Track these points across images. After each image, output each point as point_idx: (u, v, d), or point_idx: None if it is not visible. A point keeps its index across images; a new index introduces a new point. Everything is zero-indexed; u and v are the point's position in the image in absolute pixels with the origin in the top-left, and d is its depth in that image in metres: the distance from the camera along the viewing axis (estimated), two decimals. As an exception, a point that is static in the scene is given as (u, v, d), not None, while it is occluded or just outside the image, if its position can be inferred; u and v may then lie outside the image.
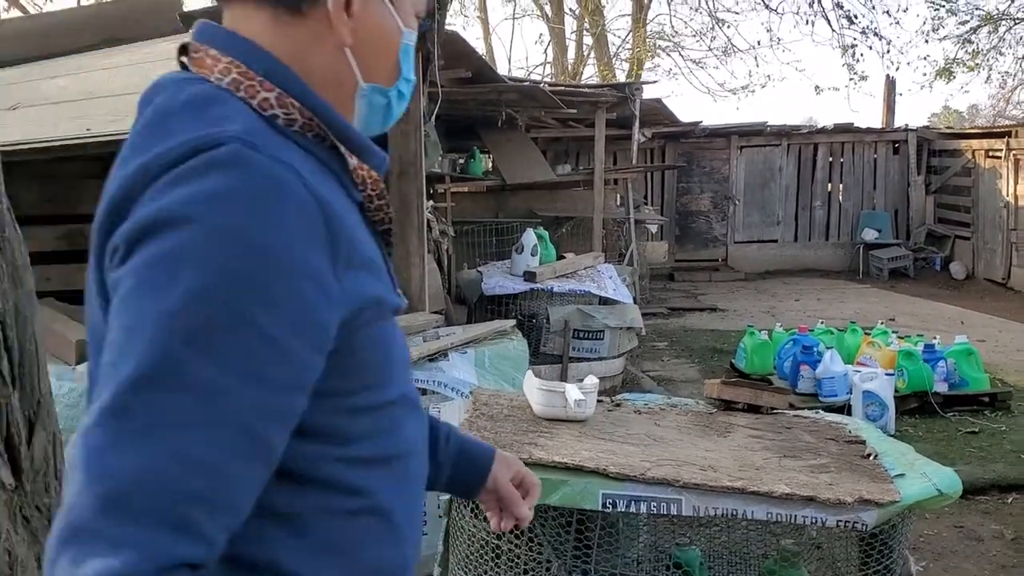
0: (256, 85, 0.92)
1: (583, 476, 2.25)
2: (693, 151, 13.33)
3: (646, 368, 7.42)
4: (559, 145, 12.43)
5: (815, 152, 13.49)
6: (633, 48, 17.72)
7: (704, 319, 9.77)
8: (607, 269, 7.24)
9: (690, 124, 12.73)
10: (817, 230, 13.60)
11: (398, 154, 4.25)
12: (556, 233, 9.46)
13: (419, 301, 4.31)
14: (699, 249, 13.42)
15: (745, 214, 13.47)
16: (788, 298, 11.09)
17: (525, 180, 9.40)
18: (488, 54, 18.73)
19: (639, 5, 17.68)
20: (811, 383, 6.01)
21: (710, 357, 7.77)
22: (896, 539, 2.33)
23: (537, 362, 6.38)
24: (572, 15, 18.59)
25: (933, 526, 4.17)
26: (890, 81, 15.26)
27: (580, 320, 6.45)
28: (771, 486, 2.20)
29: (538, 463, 2.28)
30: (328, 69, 0.98)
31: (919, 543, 3.97)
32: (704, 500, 2.21)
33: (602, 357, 6.59)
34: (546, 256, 6.91)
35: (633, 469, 2.27)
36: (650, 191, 13.35)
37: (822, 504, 2.15)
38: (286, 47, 0.95)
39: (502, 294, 6.44)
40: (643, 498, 2.23)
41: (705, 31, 18.13)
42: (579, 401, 2.63)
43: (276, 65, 0.94)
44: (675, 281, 12.55)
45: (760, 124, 13.40)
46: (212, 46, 0.94)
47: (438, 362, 3.42)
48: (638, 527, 2.67)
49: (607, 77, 17.07)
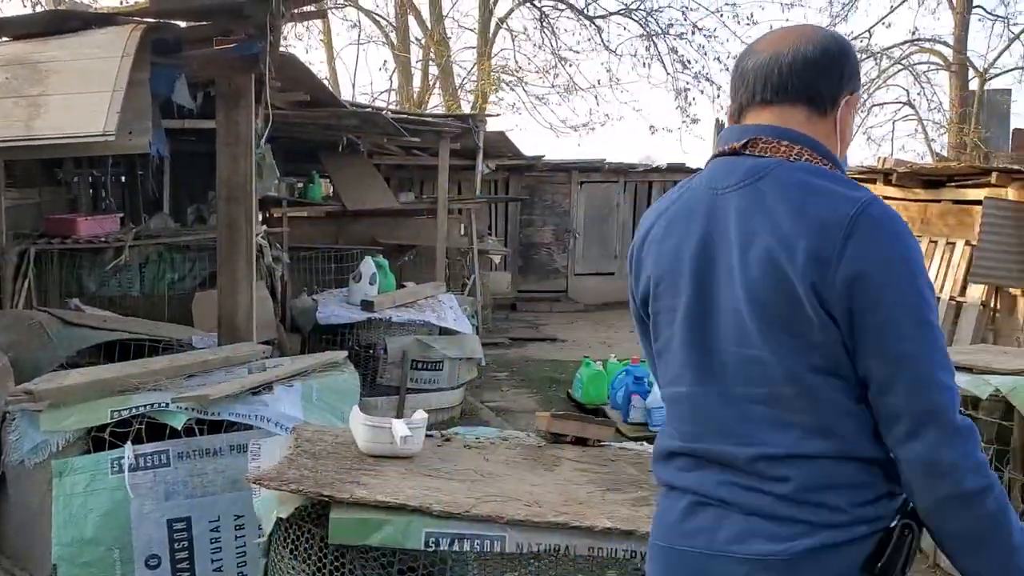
0: (825, 160, 1.52)
1: (406, 515, 2.19)
2: (536, 184, 13.58)
3: (486, 399, 7.42)
4: (403, 173, 12.37)
5: (650, 189, 14.02)
6: (478, 81, 17.94)
7: (544, 349, 9.91)
8: (448, 299, 7.22)
9: (533, 158, 12.97)
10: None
11: (226, 176, 4.09)
12: (398, 262, 9.38)
13: (246, 331, 4.14)
14: (541, 280, 13.64)
15: (585, 247, 13.82)
16: (624, 329, 11.40)
17: (366, 206, 9.29)
18: (332, 78, 18.48)
19: (484, 39, 17.93)
20: (642, 413, 6.19)
21: (548, 387, 7.87)
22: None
23: (375, 393, 6.27)
24: (418, 44, 18.66)
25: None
26: (720, 124, 16.09)
27: (419, 351, 6.38)
28: (593, 520, 2.21)
29: (359, 502, 2.21)
30: (833, 148, 1.55)
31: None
32: (528, 536, 2.20)
33: (441, 388, 6.55)
34: (385, 285, 6.82)
35: (458, 506, 2.23)
36: (494, 222, 13.49)
37: (642, 538, 2.17)
38: (818, 135, 1.53)
39: (338, 323, 6.29)
40: (467, 536, 2.20)
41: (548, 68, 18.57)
42: (406, 437, 2.57)
43: (820, 146, 1.52)
44: (517, 311, 12.69)
45: (599, 161, 13.82)
46: (783, 139, 1.50)
47: (262, 395, 3.28)
48: (466, 564, 2.63)
49: (452, 108, 17.18)
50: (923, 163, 14.56)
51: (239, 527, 3.15)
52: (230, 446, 3.15)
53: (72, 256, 5.88)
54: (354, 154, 9.47)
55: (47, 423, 3.06)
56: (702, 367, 1.49)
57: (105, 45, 3.49)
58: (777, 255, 1.38)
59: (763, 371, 1.42)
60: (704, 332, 1.49)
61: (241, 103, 4.07)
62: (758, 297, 1.41)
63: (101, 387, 3.26)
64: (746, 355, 1.44)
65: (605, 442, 3.04)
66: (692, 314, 1.51)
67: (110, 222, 6.31)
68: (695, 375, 1.51)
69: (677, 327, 1.53)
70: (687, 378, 1.53)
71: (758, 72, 1.53)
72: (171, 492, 3.07)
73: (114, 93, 3.15)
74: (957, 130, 17.21)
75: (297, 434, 2.77)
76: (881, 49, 19.11)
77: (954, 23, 18.30)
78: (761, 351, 1.42)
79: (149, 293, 6.06)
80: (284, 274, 6.83)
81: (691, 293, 1.50)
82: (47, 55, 3.50)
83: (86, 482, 3.01)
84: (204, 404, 3.08)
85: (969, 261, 9.43)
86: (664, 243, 1.56)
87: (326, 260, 8.82)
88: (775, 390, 1.42)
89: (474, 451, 2.84)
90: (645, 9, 17.73)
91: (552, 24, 18.04)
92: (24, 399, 3.09)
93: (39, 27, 3.82)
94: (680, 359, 1.54)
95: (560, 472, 2.67)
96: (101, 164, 7.48)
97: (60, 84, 3.29)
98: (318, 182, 9.51)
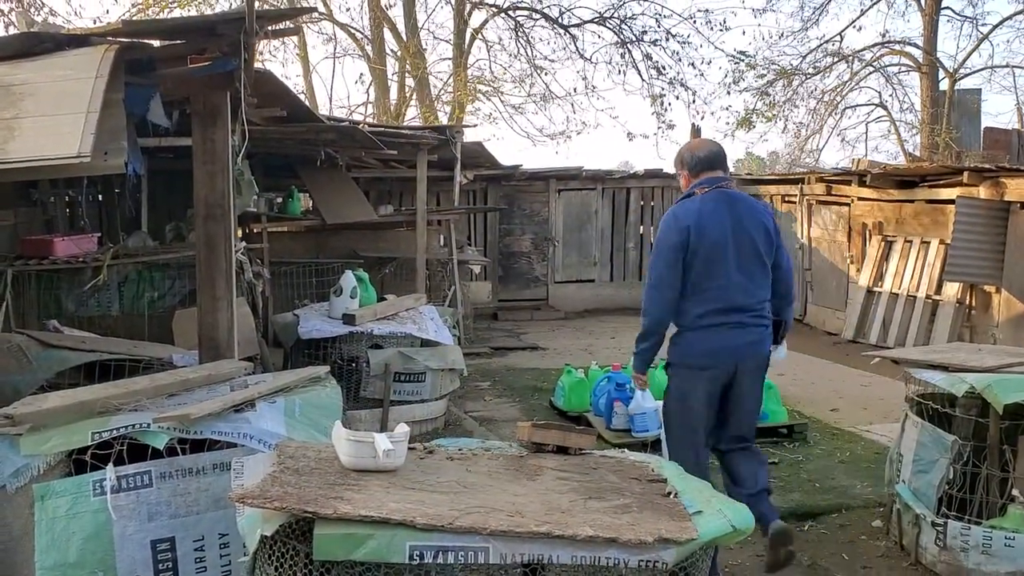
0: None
1: (389, 529, 2.20)
2: (514, 193, 13.61)
3: (469, 408, 7.43)
4: (382, 185, 12.38)
5: (628, 196, 14.09)
6: (455, 91, 17.97)
7: (526, 358, 9.92)
8: (429, 311, 7.22)
9: (511, 167, 13.00)
10: (631, 270, 14.16)
11: (204, 195, 4.08)
12: (379, 274, 9.38)
13: (227, 348, 4.13)
14: (521, 289, 13.66)
15: (564, 255, 13.86)
16: (604, 336, 11.45)
17: (345, 220, 9.28)
18: (308, 92, 18.47)
19: (460, 50, 17.97)
20: (624, 419, 6.21)
21: (531, 396, 7.89)
22: (697, 574, 2.42)
23: (358, 406, 6.27)
24: (394, 56, 18.67)
25: (736, 556, 4.37)
26: (696, 129, 16.13)
27: (401, 363, 6.38)
28: (575, 529, 2.23)
29: (344, 518, 2.22)
30: None
31: (723, 572, 4.14)
32: (511, 547, 2.22)
33: (424, 399, 6.56)
34: (366, 298, 6.81)
35: (441, 519, 2.24)
36: (473, 232, 13.51)
37: (624, 545, 2.20)
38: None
39: (320, 338, 6.28)
40: (451, 548, 2.21)
41: (524, 77, 18.64)
42: (388, 451, 2.58)
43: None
44: (499, 321, 12.70)
45: (576, 169, 13.86)
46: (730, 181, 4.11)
47: (244, 412, 3.27)
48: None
49: (429, 119, 17.20)
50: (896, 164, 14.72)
51: (224, 546, 3.14)
52: (213, 465, 3.14)
53: (50, 277, 5.86)
54: (333, 168, 9.47)
55: (28, 447, 3.05)
56: (740, 268, 3.86)
57: (79, 66, 3.49)
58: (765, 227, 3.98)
59: (760, 272, 3.93)
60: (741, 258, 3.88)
61: (217, 121, 4.07)
62: (759, 247, 3.92)
63: (81, 409, 3.25)
64: (756, 266, 3.92)
65: (586, 450, 3.07)
66: (734, 253, 3.86)
67: (87, 242, 6.29)
68: (736, 274, 3.86)
69: (730, 256, 3.85)
70: (730, 276, 3.85)
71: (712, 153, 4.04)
72: (154, 513, 3.06)
73: (88, 114, 3.14)
74: (929, 130, 17.41)
75: (280, 451, 2.77)
76: (852, 52, 19.31)
77: (923, 25, 18.53)
78: (759, 265, 3.92)
79: (128, 312, 6.05)
80: (265, 289, 6.84)
81: (731, 245, 3.86)
82: (20, 77, 3.49)
83: (68, 505, 3.00)
84: (186, 423, 3.07)
85: (944, 260, 9.56)
86: (708, 225, 3.86)
87: (307, 274, 8.81)
88: (762, 279, 3.93)
89: (457, 463, 2.86)
90: (619, 17, 17.85)
91: (527, 34, 18.14)
92: (4, 423, 3.07)
93: (11, 49, 3.81)
94: (726, 270, 3.85)
95: (542, 481, 2.69)
96: (77, 184, 7.45)
97: (34, 106, 3.28)
98: (297, 197, 9.51)
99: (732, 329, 3.84)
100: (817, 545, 4.58)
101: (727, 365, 3.86)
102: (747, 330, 3.87)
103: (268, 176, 9.81)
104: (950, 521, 4.04)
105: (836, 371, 9.20)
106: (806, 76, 19.65)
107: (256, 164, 8.78)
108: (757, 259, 3.89)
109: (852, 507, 5.09)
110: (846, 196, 11.51)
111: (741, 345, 3.87)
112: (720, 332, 3.84)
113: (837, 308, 11.61)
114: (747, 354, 3.89)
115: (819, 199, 12.15)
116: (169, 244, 7.47)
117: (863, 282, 10.83)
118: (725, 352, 3.85)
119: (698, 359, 3.88)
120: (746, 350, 3.88)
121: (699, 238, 3.80)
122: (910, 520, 4.28)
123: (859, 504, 5.12)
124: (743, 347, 3.87)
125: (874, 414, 7.28)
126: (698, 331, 3.86)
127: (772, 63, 19.46)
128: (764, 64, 19.38)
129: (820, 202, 12.15)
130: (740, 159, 35.61)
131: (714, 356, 3.85)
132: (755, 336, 3.90)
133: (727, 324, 3.84)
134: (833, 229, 11.85)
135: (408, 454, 2.76)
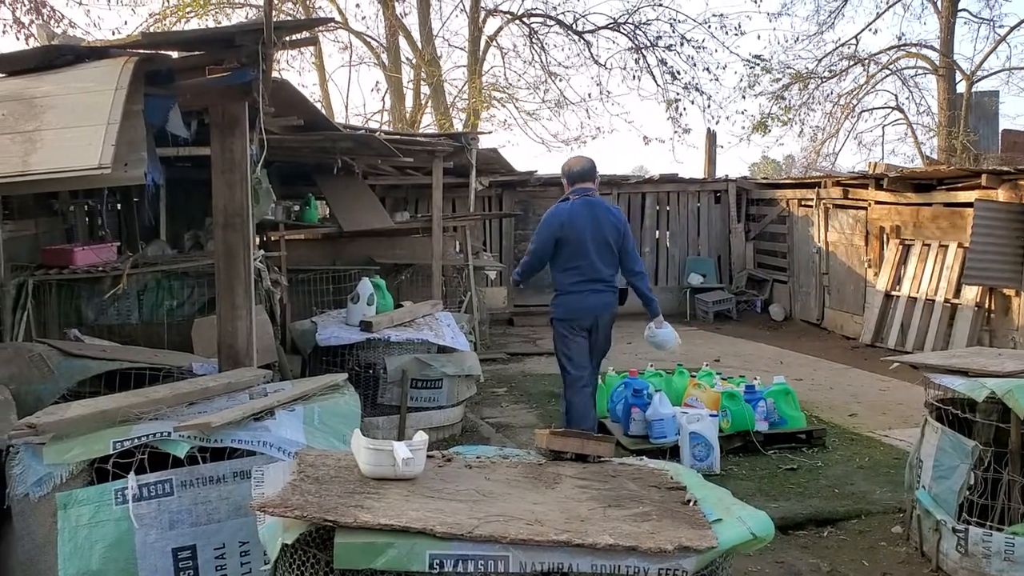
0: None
1: (409, 537, 2.21)
2: (529, 199, 13.63)
3: (486, 415, 7.44)
4: (398, 192, 12.43)
5: (643, 201, 14.08)
6: (470, 99, 18.01)
7: (542, 364, 9.91)
8: (445, 317, 7.24)
9: (526, 173, 13.02)
10: (647, 275, 14.14)
11: (223, 204, 4.12)
12: (395, 281, 9.41)
13: (246, 356, 4.16)
14: (537, 294, 13.60)
15: (580, 260, 13.84)
16: (621, 341, 11.37)
17: (362, 227, 9.31)
18: (325, 101, 18.56)
19: (474, 57, 18.01)
20: (642, 425, 6.20)
21: (548, 402, 7.88)
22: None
23: (375, 413, 6.29)
24: (409, 64, 18.73)
25: (756, 563, 4.35)
26: (711, 134, 16.18)
27: (418, 369, 6.40)
28: (595, 537, 2.23)
29: (364, 526, 2.23)
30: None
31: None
32: (530, 555, 2.22)
33: (441, 406, 6.57)
34: (383, 305, 6.84)
35: (460, 527, 2.25)
36: (489, 238, 13.53)
37: (644, 553, 2.20)
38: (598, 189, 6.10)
39: (337, 344, 6.31)
40: (471, 557, 2.22)
41: (538, 84, 18.66)
42: (407, 459, 2.59)
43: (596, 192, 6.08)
44: (515, 326, 12.70)
45: (592, 173, 13.86)
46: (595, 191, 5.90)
47: (264, 421, 3.29)
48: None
49: (444, 126, 17.25)
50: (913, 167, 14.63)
51: (244, 553, 3.16)
52: (233, 473, 3.17)
53: (70, 286, 5.91)
54: (349, 175, 9.51)
55: (50, 456, 3.08)
56: (596, 253, 5.60)
57: (99, 78, 3.52)
58: (615, 225, 5.71)
59: (610, 256, 5.68)
60: (598, 247, 5.61)
61: (236, 131, 4.10)
62: (608, 239, 5.63)
63: (103, 418, 3.28)
64: (607, 252, 5.65)
65: (605, 458, 3.07)
66: (592, 243, 5.59)
67: (107, 251, 6.34)
68: (594, 256, 5.60)
69: (590, 245, 5.59)
70: (590, 258, 5.60)
71: (583, 169, 5.82)
72: (175, 521, 3.08)
73: (109, 126, 3.17)
74: (946, 133, 17.30)
75: (300, 459, 2.79)
76: (868, 55, 19.23)
77: (940, 27, 18.44)
78: (609, 251, 5.66)
79: (148, 320, 6.09)
80: (283, 297, 6.85)
81: (590, 239, 5.59)
82: (42, 90, 3.53)
83: (90, 514, 3.03)
84: (206, 432, 3.09)
85: (962, 263, 9.49)
86: (577, 223, 5.60)
87: (324, 281, 8.85)
88: (611, 261, 5.70)
89: (475, 471, 2.87)
90: (633, 23, 17.85)
91: (541, 40, 18.16)
92: (27, 432, 3.11)
93: (33, 62, 3.86)
94: (587, 253, 5.59)
95: (561, 489, 2.70)
96: (97, 194, 7.50)
97: (55, 118, 3.32)
98: (314, 204, 9.56)
99: (593, 293, 5.66)
100: (836, 551, 4.56)
101: (590, 316, 5.67)
102: (601, 294, 5.68)
103: (285, 184, 9.88)
104: (971, 527, 4.01)
105: (854, 376, 9.15)
106: (822, 80, 19.59)
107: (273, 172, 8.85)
108: (608, 247, 5.68)
109: (871, 513, 5.06)
110: (863, 200, 11.45)
111: (598, 304, 5.68)
112: (584, 295, 5.65)
113: (855, 312, 11.55)
114: (602, 310, 5.70)
115: (836, 203, 12.10)
116: (188, 253, 7.52)
117: (881, 286, 10.77)
118: (587, 308, 5.66)
119: (571, 313, 5.69)
120: (601, 307, 5.69)
121: (569, 231, 5.62)
122: (931, 526, 4.25)
123: (879, 510, 5.10)
124: (599, 305, 5.69)
125: (893, 419, 7.24)
126: (571, 295, 5.68)
127: (787, 67, 19.43)
128: (779, 68, 19.36)
129: (837, 206, 12.09)
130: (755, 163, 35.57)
131: (581, 311, 5.66)
132: (607, 298, 5.72)
133: (589, 290, 5.65)
134: (850, 233, 11.79)
135: (427, 462, 2.77)
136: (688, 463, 5.59)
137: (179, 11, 16.39)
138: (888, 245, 10.89)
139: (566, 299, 5.69)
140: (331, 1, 18.33)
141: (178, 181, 7.90)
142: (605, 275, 5.69)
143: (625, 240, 5.77)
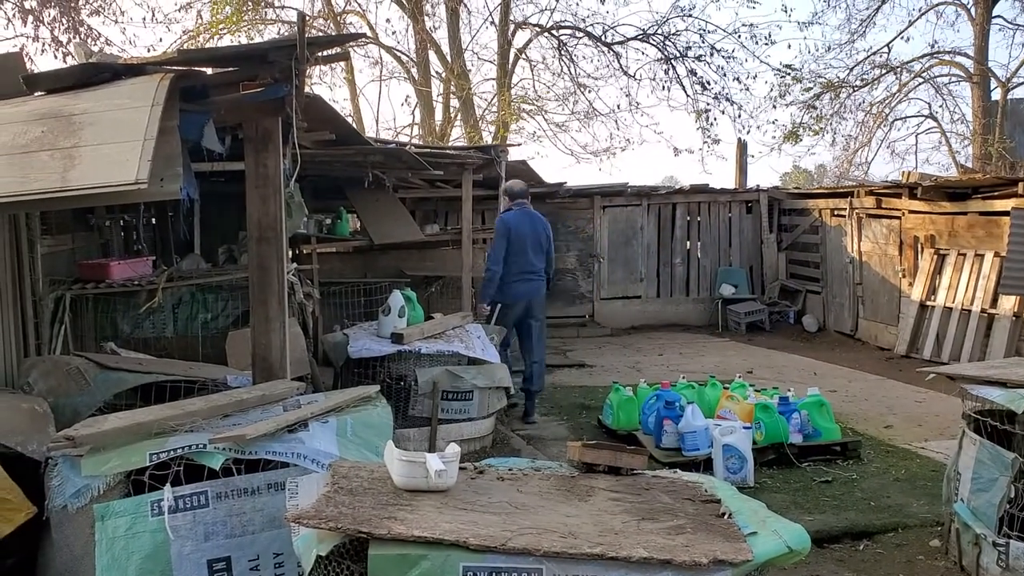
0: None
1: (443, 550, 2.22)
2: (558, 211, 13.61)
3: (516, 427, 7.43)
4: (428, 205, 12.49)
5: (674, 211, 14.02)
6: (499, 111, 18.07)
7: (573, 375, 9.90)
8: (476, 328, 7.25)
9: (555, 185, 13.03)
10: (678, 286, 14.07)
11: (257, 218, 4.16)
12: (425, 293, 9.46)
13: (280, 368, 4.19)
14: (567, 306, 13.64)
15: (610, 271, 13.82)
16: (652, 353, 11.38)
17: (393, 240, 9.38)
18: (355, 115, 18.70)
19: (503, 70, 18.08)
20: (674, 438, 6.16)
21: (579, 414, 7.86)
22: (751, 596, 2.39)
23: (406, 425, 6.30)
24: (439, 78, 18.85)
25: (790, 575, 4.30)
26: (742, 144, 16.10)
27: (449, 381, 6.41)
28: (629, 551, 2.22)
29: (397, 538, 2.24)
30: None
31: (778, 593, 4.08)
32: (564, 568, 2.21)
33: (471, 418, 6.57)
34: (414, 317, 6.86)
35: (494, 540, 2.25)
36: (518, 250, 13.52)
37: (678, 567, 2.18)
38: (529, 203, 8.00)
39: (369, 357, 6.34)
40: (504, 569, 2.22)
41: (567, 95, 18.67)
42: (440, 471, 2.60)
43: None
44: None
45: (621, 185, 13.84)
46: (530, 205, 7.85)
47: (297, 432, 3.32)
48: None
49: (474, 139, 17.31)
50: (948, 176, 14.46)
51: (279, 565, 3.18)
52: (268, 484, 3.19)
53: (106, 300, 6.00)
54: (380, 189, 9.58)
55: (88, 468, 3.12)
56: (532, 251, 7.55)
57: (135, 95, 3.58)
58: (545, 230, 7.71)
59: (541, 253, 7.66)
60: (533, 246, 7.56)
61: (269, 146, 4.15)
62: (540, 240, 7.62)
63: (139, 430, 3.32)
64: (539, 250, 7.62)
65: (638, 470, 3.05)
66: (530, 243, 7.53)
67: (143, 265, 6.43)
68: (531, 253, 7.54)
69: (528, 245, 7.53)
70: (529, 254, 7.53)
71: (522, 189, 7.79)
72: (210, 532, 3.11)
73: (145, 142, 3.22)
74: (981, 141, 17.08)
75: (334, 470, 2.80)
76: (901, 63, 19.05)
77: (974, 34, 18.23)
78: (540, 250, 7.64)
79: (183, 333, 6.16)
80: (315, 309, 6.92)
81: (528, 240, 7.53)
82: (80, 107, 3.59)
83: (127, 525, 3.06)
84: (241, 444, 3.12)
85: (999, 272, 9.35)
86: (520, 228, 7.53)
87: (355, 294, 8.92)
88: (542, 257, 7.66)
89: (507, 483, 2.86)
90: (663, 33, 17.81)
91: (570, 52, 18.18)
92: (65, 445, 3.15)
93: (71, 80, 3.93)
94: (526, 251, 7.51)
95: (594, 502, 2.68)
96: (132, 209, 7.63)
97: (93, 135, 3.37)
98: (345, 218, 9.64)
99: (528, 281, 7.54)
100: (873, 565, 4.50)
101: (526, 299, 7.56)
102: (534, 283, 7.60)
103: (317, 198, 9.97)
104: (1012, 541, 3.94)
105: (889, 387, 9.02)
106: (854, 88, 19.43)
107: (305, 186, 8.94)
108: (539, 248, 7.60)
109: (909, 526, 4.98)
110: (897, 209, 11.32)
111: (531, 289, 7.58)
112: (522, 283, 7.51)
113: (889, 323, 11.41)
114: (534, 294, 7.62)
115: (869, 212, 11.97)
116: (222, 266, 7.61)
117: (916, 296, 10.63)
118: (524, 293, 7.53)
119: (512, 296, 7.50)
120: (534, 292, 7.61)
121: (515, 235, 7.46)
122: (970, 540, 4.18)
123: (916, 523, 5.02)
124: (532, 290, 7.59)
125: (929, 431, 7.13)
126: (513, 283, 7.48)
127: (819, 76, 19.29)
128: (811, 77, 19.22)
129: (870, 215, 11.97)
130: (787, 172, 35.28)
131: (519, 295, 7.52)
132: (538, 285, 7.64)
133: (525, 280, 7.52)
134: (884, 243, 11.66)
135: (459, 474, 2.77)
136: (721, 476, 5.54)
137: (212, 28, 16.63)
138: (923, 255, 10.75)
139: (511, 287, 7.48)
140: (362, 17, 18.52)
141: (212, 195, 8.00)
142: (537, 268, 7.58)
143: (550, 242, 7.77)
